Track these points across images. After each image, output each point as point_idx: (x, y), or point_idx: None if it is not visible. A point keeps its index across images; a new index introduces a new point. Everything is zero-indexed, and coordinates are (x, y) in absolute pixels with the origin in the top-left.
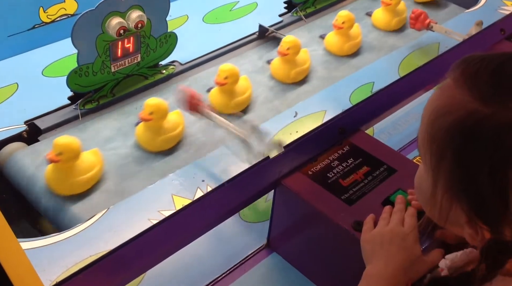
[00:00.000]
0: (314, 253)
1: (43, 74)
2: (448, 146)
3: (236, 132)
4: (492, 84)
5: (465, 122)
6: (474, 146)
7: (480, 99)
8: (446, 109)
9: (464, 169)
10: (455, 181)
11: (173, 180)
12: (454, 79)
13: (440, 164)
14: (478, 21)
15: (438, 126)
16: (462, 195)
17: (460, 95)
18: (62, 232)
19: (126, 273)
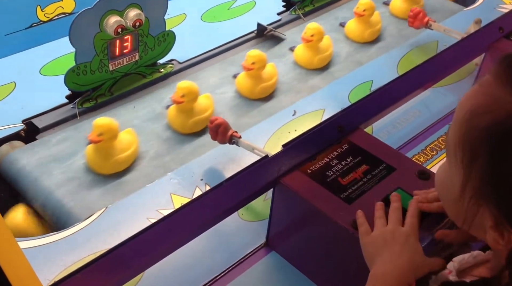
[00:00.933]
0: (313, 252)
1: (41, 73)
2: (483, 146)
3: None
4: None
5: (504, 123)
6: None
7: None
8: (484, 109)
9: (499, 170)
10: (487, 182)
11: (172, 179)
12: (496, 76)
13: (473, 164)
14: (476, 19)
15: (474, 125)
16: (493, 197)
17: (501, 94)
18: (61, 231)
19: (124, 272)
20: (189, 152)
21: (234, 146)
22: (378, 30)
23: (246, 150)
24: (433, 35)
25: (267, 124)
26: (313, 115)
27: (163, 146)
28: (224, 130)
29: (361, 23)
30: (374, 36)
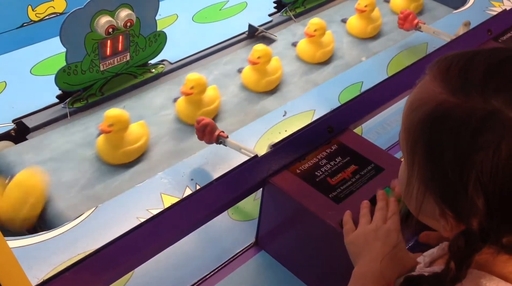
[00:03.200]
0: (302, 251)
1: (32, 73)
2: (420, 138)
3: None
4: (461, 77)
5: (434, 113)
6: (441, 134)
7: (450, 91)
8: (420, 102)
9: (433, 158)
10: (426, 171)
11: (162, 179)
12: (430, 75)
13: (414, 156)
14: (465, 22)
15: (412, 119)
16: (433, 185)
17: (433, 88)
18: (50, 231)
19: (114, 271)
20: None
21: (225, 147)
22: (379, 25)
23: (234, 149)
24: (423, 37)
25: (258, 125)
26: (303, 116)
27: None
28: (211, 130)
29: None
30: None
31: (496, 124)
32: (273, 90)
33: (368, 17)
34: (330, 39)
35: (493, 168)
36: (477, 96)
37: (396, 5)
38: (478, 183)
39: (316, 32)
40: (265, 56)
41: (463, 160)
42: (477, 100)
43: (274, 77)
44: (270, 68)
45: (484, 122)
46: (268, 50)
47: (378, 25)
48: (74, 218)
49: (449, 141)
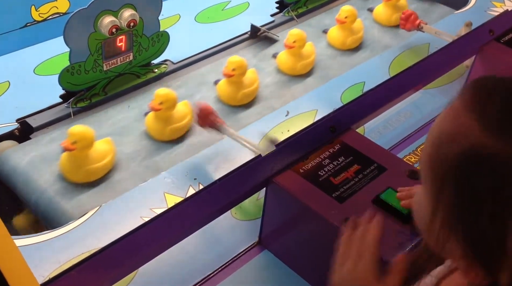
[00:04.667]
0: (305, 251)
1: (35, 73)
2: (450, 176)
3: (248, 146)
4: (503, 116)
5: (470, 155)
6: (477, 182)
7: (488, 131)
8: (451, 137)
9: (466, 204)
10: (454, 213)
11: (165, 178)
12: (464, 103)
13: (441, 193)
14: (467, 22)
15: (442, 153)
16: (460, 230)
17: (468, 123)
18: (55, 230)
19: (118, 270)
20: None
21: (229, 145)
22: (360, 37)
23: (230, 138)
24: (425, 37)
25: (260, 125)
26: (305, 116)
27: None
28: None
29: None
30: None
31: None
32: (249, 104)
33: (349, 28)
34: (311, 50)
35: None
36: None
37: (379, 15)
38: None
39: (295, 43)
40: (239, 68)
41: (503, 218)
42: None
43: (250, 89)
44: (246, 80)
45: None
46: (243, 62)
47: (359, 37)
48: (79, 216)
49: (488, 194)
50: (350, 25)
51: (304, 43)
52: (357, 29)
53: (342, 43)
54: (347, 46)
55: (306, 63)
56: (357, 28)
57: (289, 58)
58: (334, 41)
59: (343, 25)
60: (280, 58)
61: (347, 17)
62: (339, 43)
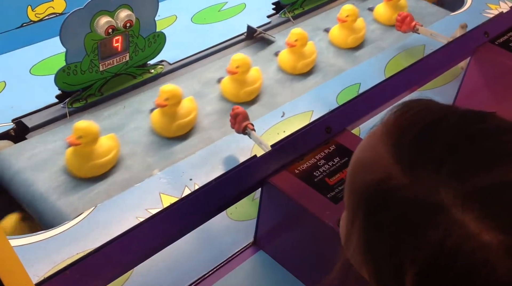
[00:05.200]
0: (300, 251)
1: (31, 73)
2: (361, 204)
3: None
4: (414, 149)
5: (379, 186)
6: (382, 215)
7: (399, 164)
8: (367, 166)
9: (370, 236)
10: (363, 244)
11: (161, 178)
12: (384, 129)
13: (354, 218)
14: (462, 24)
15: (358, 180)
16: (367, 260)
17: (384, 153)
18: (50, 230)
19: (113, 270)
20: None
21: (224, 145)
22: (362, 36)
23: (254, 142)
24: (420, 39)
25: (256, 126)
26: (301, 117)
27: (151, 146)
28: (241, 120)
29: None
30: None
31: (441, 222)
32: (252, 101)
33: (350, 27)
34: (312, 49)
35: (433, 271)
36: (427, 180)
37: (379, 14)
38: (414, 283)
39: (297, 42)
40: (243, 65)
41: (400, 254)
42: (427, 186)
43: (253, 87)
44: (250, 78)
45: (428, 216)
46: (246, 60)
47: (361, 36)
48: (74, 217)
49: (388, 229)
50: (352, 24)
51: (305, 42)
52: (359, 28)
53: (344, 42)
54: (348, 45)
55: (307, 62)
56: (359, 27)
57: (290, 57)
58: (335, 40)
59: (344, 24)
60: (282, 57)
61: (348, 16)
62: (340, 42)
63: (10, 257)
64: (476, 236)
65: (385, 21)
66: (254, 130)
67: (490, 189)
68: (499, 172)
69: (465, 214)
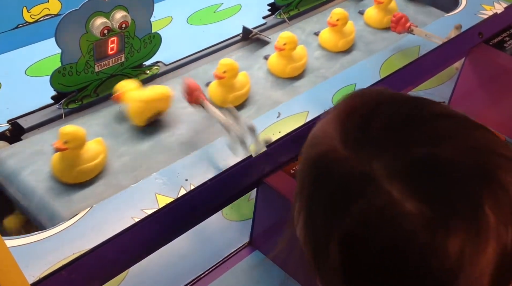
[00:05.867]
0: (296, 251)
1: (26, 74)
2: (307, 177)
3: (233, 130)
4: (358, 128)
5: (323, 159)
6: (319, 187)
7: (344, 140)
8: (316, 140)
9: (312, 206)
10: (306, 218)
11: (157, 179)
12: (335, 110)
13: (301, 190)
14: (457, 25)
15: (306, 154)
16: (308, 235)
17: (331, 129)
18: (46, 230)
19: (108, 270)
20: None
21: (220, 146)
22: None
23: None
24: (415, 40)
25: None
26: (297, 118)
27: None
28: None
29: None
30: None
31: (369, 192)
32: (240, 106)
33: (340, 31)
34: (302, 53)
35: (357, 237)
36: (363, 154)
37: (370, 17)
38: (338, 247)
39: (285, 46)
40: (231, 70)
41: (330, 221)
42: (361, 159)
43: (241, 92)
44: (238, 83)
45: (359, 186)
46: (234, 65)
47: (351, 39)
48: (70, 217)
49: (325, 197)
50: (342, 27)
51: (295, 45)
52: (349, 32)
53: (334, 45)
54: (338, 49)
55: (297, 66)
56: (349, 31)
57: (279, 60)
58: (326, 44)
59: (335, 27)
60: (271, 61)
61: (338, 19)
62: (330, 45)
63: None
64: (398, 204)
65: (375, 24)
66: (207, 101)
67: (418, 162)
68: (429, 148)
69: (392, 184)
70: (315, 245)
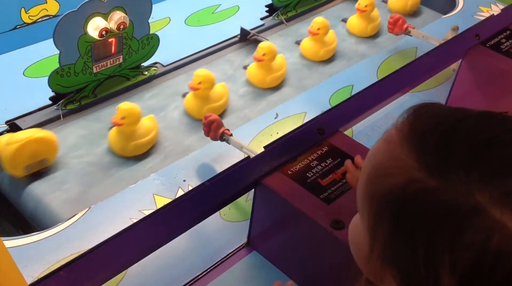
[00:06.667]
0: (293, 251)
1: (25, 75)
2: (386, 210)
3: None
4: (440, 152)
5: (406, 192)
6: (413, 220)
7: (425, 168)
8: (388, 170)
9: (400, 242)
10: (389, 250)
11: (155, 180)
12: (400, 134)
13: (378, 226)
14: (454, 26)
15: (378, 186)
16: (395, 266)
17: (405, 157)
18: (44, 231)
19: (107, 270)
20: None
21: (218, 147)
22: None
23: (236, 148)
24: (412, 41)
25: (249, 128)
26: (294, 119)
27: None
28: (216, 127)
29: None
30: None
31: (480, 224)
32: None
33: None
34: (282, 62)
35: (474, 273)
36: (459, 184)
37: (353, 26)
38: (459, 280)
39: (265, 56)
40: (206, 82)
41: (438, 259)
42: (460, 189)
43: (219, 103)
44: (214, 94)
45: (467, 219)
46: (210, 76)
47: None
48: (68, 218)
49: (422, 233)
50: (323, 37)
51: (274, 56)
52: (330, 41)
53: (315, 54)
54: (320, 58)
55: (276, 76)
56: (330, 40)
57: (259, 71)
58: (307, 53)
59: (316, 37)
60: (251, 71)
61: (319, 28)
62: (311, 54)
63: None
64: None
65: (358, 32)
66: (231, 136)
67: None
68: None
69: (504, 214)
70: (413, 282)
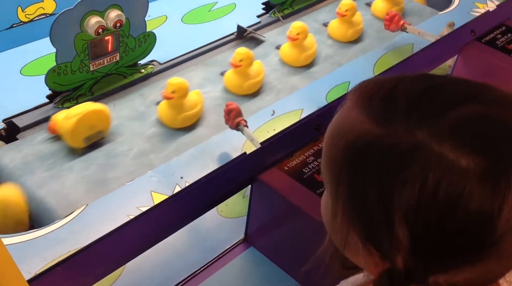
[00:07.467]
0: (290, 247)
1: (22, 73)
2: (342, 169)
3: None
4: (384, 106)
5: (357, 143)
6: (364, 168)
7: (373, 120)
8: (341, 131)
9: (356, 192)
10: (349, 204)
11: (152, 177)
12: (351, 102)
13: (338, 188)
14: (449, 23)
15: (335, 149)
16: (356, 219)
17: (355, 116)
18: (42, 228)
19: (104, 266)
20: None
21: (214, 143)
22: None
23: (247, 138)
24: (409, 37)
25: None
26: (291, 115)
27: (146, 144)
28: (234, 116)
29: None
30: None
31: (421, 158)
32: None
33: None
34: (259, 69)
35: (419, 204)
36: (401, 127)
37: (334, 29)
38: (403, 219)
39: (242, 62)
40: (179, 90)
41: (387, 196)
42: (402, 132)
43: (193, 112)
44: (189, 102)
45: (409, 155)
46: (184, 84)
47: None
48: (65, 215)
49: (372, 176)
50: (302, 42)
51: (251, 61)
52: (309, 46)
53: (296, 60)
54: (301, 63)
55: (255, 82)
56: (309, 45)
57: (236, 77)
58: (287, 59)
59: (295, 42)
60: (228, 77)
61: (299, 33)
62: (292, 60)
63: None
64: (454, 163)
65: (339, 37)
66: (247, 127)
67: (460, 122)
68: (463, 110)
69: (442, 146)
70: (371, 225)
